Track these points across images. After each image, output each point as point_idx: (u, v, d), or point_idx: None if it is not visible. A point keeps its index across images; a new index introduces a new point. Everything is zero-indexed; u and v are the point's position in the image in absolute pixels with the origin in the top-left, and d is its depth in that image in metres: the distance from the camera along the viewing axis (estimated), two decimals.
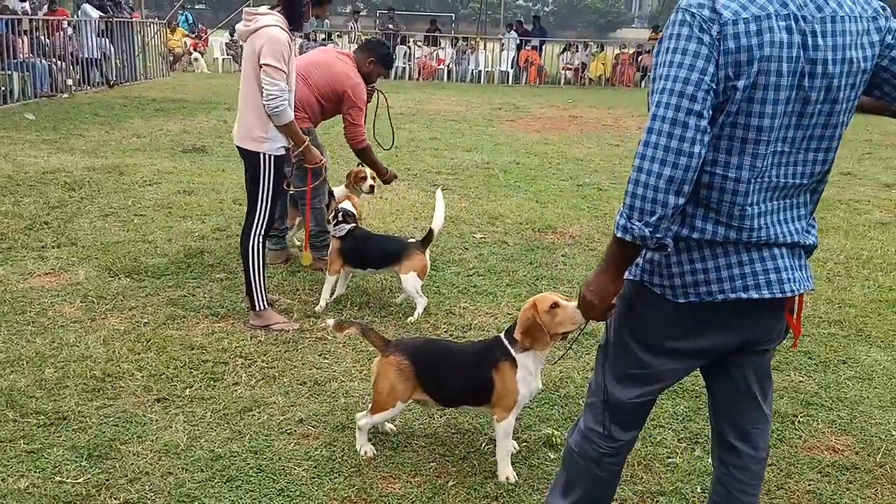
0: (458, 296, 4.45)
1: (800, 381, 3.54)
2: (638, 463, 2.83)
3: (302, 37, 19.22)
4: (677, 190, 1.61)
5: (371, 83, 4.83)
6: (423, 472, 2.74)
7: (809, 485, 2.75)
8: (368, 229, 4.62)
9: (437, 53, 21.61)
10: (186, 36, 22.01)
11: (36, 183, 6.60)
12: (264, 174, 3.75)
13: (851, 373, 3.65)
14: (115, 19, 14.79)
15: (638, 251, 1.74)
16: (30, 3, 14.33)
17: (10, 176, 6.77)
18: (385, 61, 4.88)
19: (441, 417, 3.11)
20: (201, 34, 23.98)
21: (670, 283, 1.79)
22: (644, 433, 2.99)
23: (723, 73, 1.61)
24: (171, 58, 19.38)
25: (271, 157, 3.74)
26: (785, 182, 1.73)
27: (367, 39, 5.46)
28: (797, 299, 1.83)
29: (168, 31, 19.35)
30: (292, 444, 2.88)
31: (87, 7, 14.33)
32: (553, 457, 2.86)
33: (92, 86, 13.80)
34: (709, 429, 2.25)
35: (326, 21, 23.08)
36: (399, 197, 6.71)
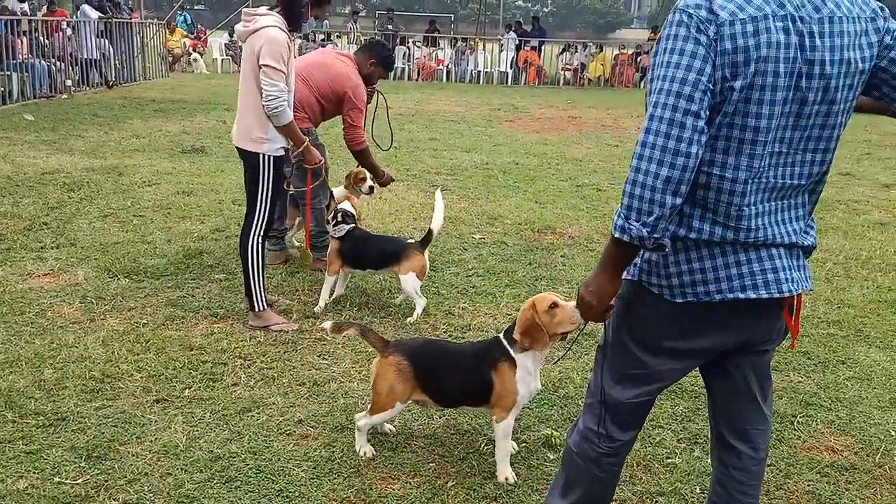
0: (457, 296, 4.46)
1: (799, 382, 3.55)
2: (637, 463, 2.83)
3: (301, 37, 19.22)
4: (674, 190, 1.62)
5: (371, 85, 4.83)
6: (423, 473, 2.74)
7: (808, 485, 2.76)
8: (367, 230, 4.63)
9: (437, 54, 21.60)
10: (186, 37, 22.02)
11: (35, 184, 6.60)
12: (264, 175, 3.75)
13: (850, 373, 3.66)
14: (114, 20, 14.79)
15: (636, 251, 1.74)
16: (29, 3, 14.33)
17: (9, 177, 6.77)
18: (386, 63, 4.88)
19: (440, 418, 3.11)
20: (200, 35, 23.99)
21: (668, 283, 1.80)
22: (643, 434, 2.99)
23: (720, 74, 1.61)
24: (171, 58, 19.38)
25: (270, 158, 3.74)
26: (783, 183, 1.73)
27: (367, 41, 5.47)
28: (796, 300, 1.84)
29: (167, 32, 19.36)
30: (291, 445, 2.88)
31: (86, 8, 14.33)
32: (552, 457, 2.86)
33: (91, 86, 13.80)
34: (708, 429, 2.25)
35: (326, 22, 23.10)
36: (398, 197, 6.71)
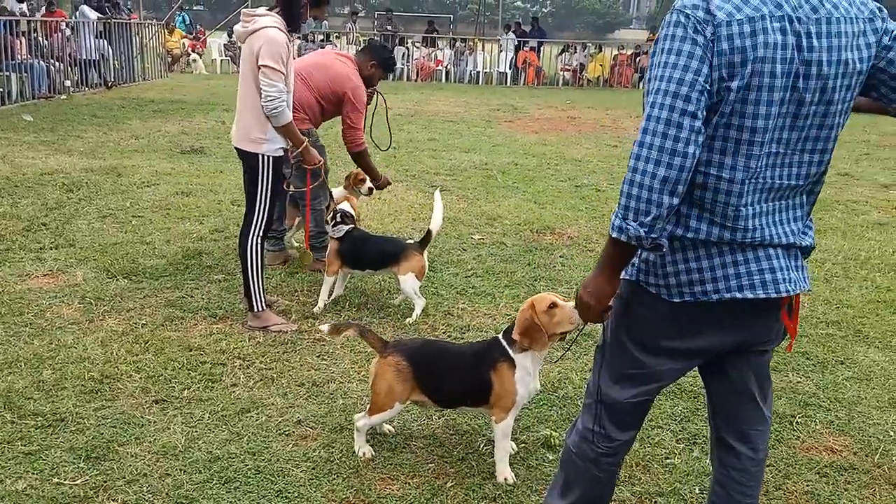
0: (456, 297, 4.46)
1: (798, 382, 3.55)
2: (636, 464, 2.83)
3: (300, 38, 19.22)
4: (672, 190, 1.62)
5: (372, 86, 4.84)
6: (422, 473, 2.74)
7: (807, 485, 2.76)
8: (367, 230, 4.63)
9: (436, 54, 21.61)
10: (185, 37, 22.02)
11: (34, 184, 6.59)
12: (263, 175, 3.75)
13: (849, 373, 3.66)
14: (113, 21, 14.78)
15: (633, 252, 1.75)
16: (28, 4, 14.33)
17: (8, 177, 6.77)
18: (386, 65, 4.89)
19: (439, 418, 3.11)
20: (199, 35, 23.99)
21: (665, 283, 1.80)
22: (642, 434, 2.99)
23: (716, 74, 1.62)
24: (170, 59, 19.38)
25: (270, 159, 3.74)
26: (780, 183, 1.73)
27: (368, 43, 5.47)
28: (794, 300, 1.84)
29: (166, 33, 19.35)
30: (290, 446, 2.88)
31: (85, 8, 14.33)
32: (551, 458, 2.86)
33: (90, 87, 13.79)
34: (707, 429, 2.26)
35: (325, 22, 23.09)
36: (397, 198, 6.71)
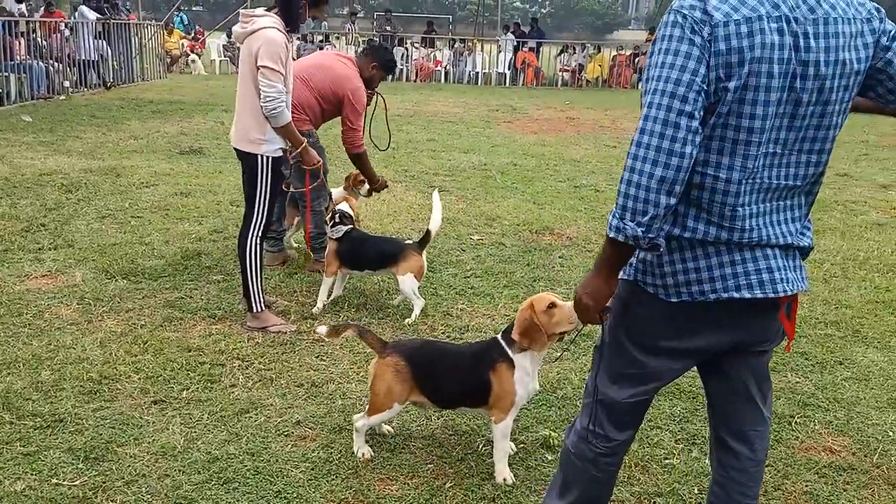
0: (455, 297, 4.46)
1: (796, 382, 3.55)
2: (635, 464, 2.83)
3: (299, 38, 19.22)
4: (669, 190, 1.62)
5: (372, 88, 4.84)
6: (421, 474, 2.74)
7: (806, 486, 2.76)
8: (365, 231, 4.62)
9: (435, 55, 21.62)
10: (184, 37, 22.02)
11: (33, 185, 6.59)
12: (262, 176, 3.75)
13: (848, 374, 3.66)
14: (112, 21, 14.78)
15: (631, 252, 1.75)
16: (27, 4, 14.32)
17: (6, 178, 6.76)
18: (387, 67, 4.89)
19: (438, 419, 3.11)
20: (198, 36, 23.98)
21: (663, 283, 1.80)
22: (641, 434, 2.99)
23: (714, 75, 1.62)
24: (169, 60, 19.37)
25: (269, 159, 3.74)
26: (777, 183, 1.73)
27: (369, 44, 5.47)
28: (793, 301, 1.84)
29: (165, 33, 19.35)
30: (289, 446, 2.88)
31: (84, 9, 14.33)
32: (550, 458, 2.86)
33: (89, 87, 13.79)
34: (706, 430, 2.26)
35: (324, 23, 23.09)
36: (396, 198, 6.71)
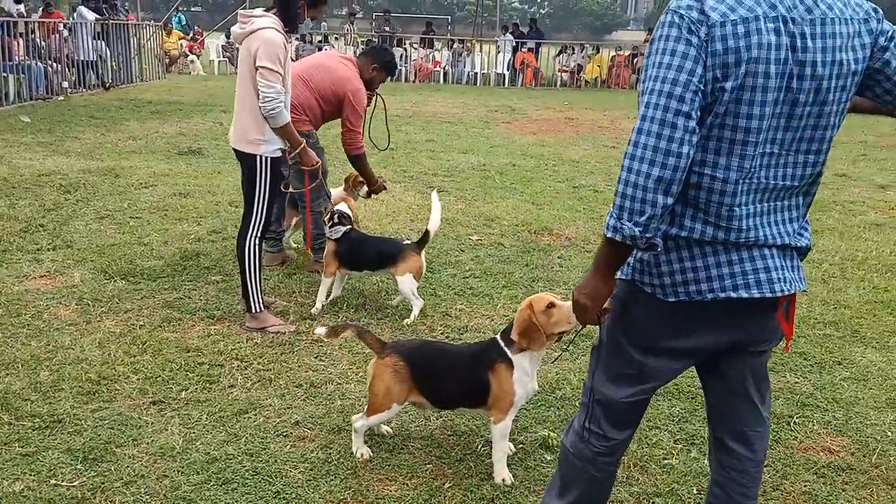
0: (454, 298, 4.46)
1: (795, 382, 3.55)
2: (634, 464, 2.83)
3: (298, 39, 19.22)
4: (666, 190, 1.62)
5: (373, 89, 4.84)
6: (420, 475, 2.74)
7: (805, 486, 2.76)
8: (364, 231, 4.62)
9: (433, 56, 21.63)
10: (182, 38, 22.01)
11: (31, 185, 6.59)
12: (261, 176, 3.75)
13: (847, 374, 3.66)
14: (110, 22, 14.78)
15: (628, 252, 1.75)
16: (25, 5, 14.31)
17: (5, 178, 6.76)
18: (388, 68, 4.90)
19: (437, 419, 3.11)
20: (197, 36, 23.97)
21: (660, 283, 1.80)
22: (640, 435, 2.99)
23: (710, 75, 1.62)
24: (167, 60, 19.36)
25: (267, 160, 3.74)
26: (775, 184, 1.73)
27: (370, 46, 5.47)
28: (791, 301, 1.84)
29: (164, 34, 19.34)
30: (288, 447, 2.87)
31: (82, 9, 14.33)
32: (549, 458, 2.85)
33: (88, 88, 13.78)
34: (705, 430, 2.26)
35: (323, 24, 23.10)
36: (395, 199, 6.71)
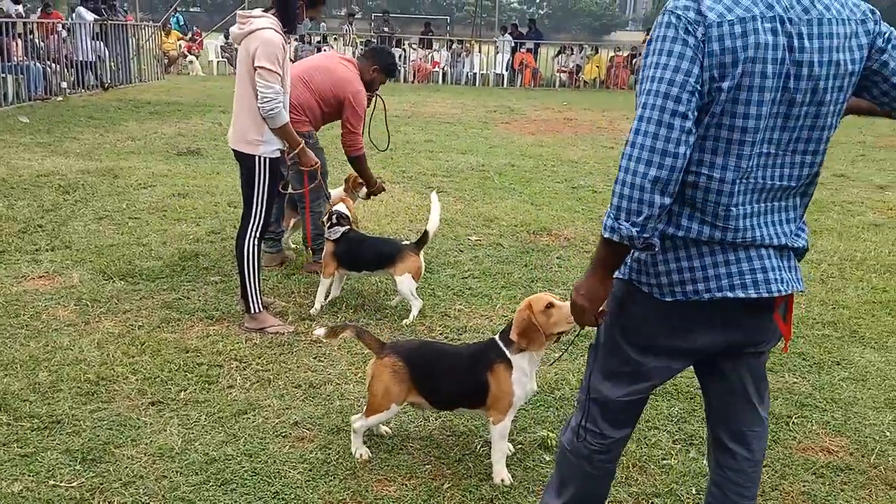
0: (453, 298, 4.46)
1: (794, 383, 3.55)
2: (633, 464, 2.83)
3: (297, 39, 19.22)
4: (663, 190, 1.63)
5: (373, 90, 4.84)
6: (419, 475, 2.74)
7: (804, 486, 2.76)
8: (363, 232, 4.62)
9: (432, 56, 21.63)
10: (181, 38, 22.00)
11: (30, 186, 6.58)
12: (259, 177, 3.74)
13: (845, 374, 3.66)
14: (109, 22, 14.77)
15: (626, 252, 1.75)
16: (24, 5, 14.31)
17: (4, 179, 6.75)
18: (388, 70, 4.90)
19: (436, 420, 3.11)
20: (196, 37, 23.96)
21: (657, 282, 1.80)
22: (639, 435, 2.99)
23: (707, 75, 1.62)
24: (166, 61, 19.36)
25: (266, 160, 3.74)
26: (772, 184, 1.73)
27: (371, 47, 5.47)
28: (788, 302, 1.84)
29: (163, 34, 19.34)
30: (287, 447, 2.87)
31: (81, 10, 14.32)
32: (548, 459, 2.86)
33: (86, 89, 13.78)
34: (704, 430, 2.26)
35: (322, 24, 23.09)
36: (394, 199, 6.71)
